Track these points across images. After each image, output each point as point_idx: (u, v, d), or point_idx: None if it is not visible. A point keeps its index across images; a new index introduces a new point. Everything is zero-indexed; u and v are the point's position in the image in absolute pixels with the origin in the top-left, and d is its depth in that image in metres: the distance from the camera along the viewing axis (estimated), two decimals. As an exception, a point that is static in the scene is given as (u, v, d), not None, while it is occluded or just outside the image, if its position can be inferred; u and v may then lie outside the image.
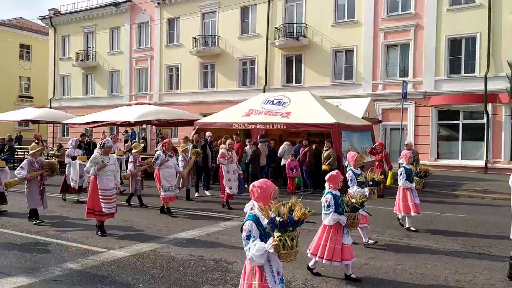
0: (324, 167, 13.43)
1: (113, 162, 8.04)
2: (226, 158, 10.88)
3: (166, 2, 28.23)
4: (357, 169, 7.41)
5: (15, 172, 8.63)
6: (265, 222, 3.37)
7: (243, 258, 6.40)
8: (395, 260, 6.58)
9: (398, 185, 9.18)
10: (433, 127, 20.83)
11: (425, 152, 20.45)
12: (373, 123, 18.11)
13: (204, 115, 20.42)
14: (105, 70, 31.43)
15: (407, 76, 21.14)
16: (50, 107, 31.73)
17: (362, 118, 17.23)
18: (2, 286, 5.11)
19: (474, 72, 19.95)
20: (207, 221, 9.18)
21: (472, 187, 14.83)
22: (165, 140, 10.78)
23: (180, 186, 11.61)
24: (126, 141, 23.80)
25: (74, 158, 11.70)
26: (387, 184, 13.84)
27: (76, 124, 21.89)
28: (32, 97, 38.84)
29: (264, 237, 3.41)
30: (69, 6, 33.50)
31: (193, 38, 26.67)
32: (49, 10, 34.58)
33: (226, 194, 10.82)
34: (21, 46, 38.82)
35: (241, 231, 3.44)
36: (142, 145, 13.21)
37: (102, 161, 7.74)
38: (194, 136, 14.73)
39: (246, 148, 13.51)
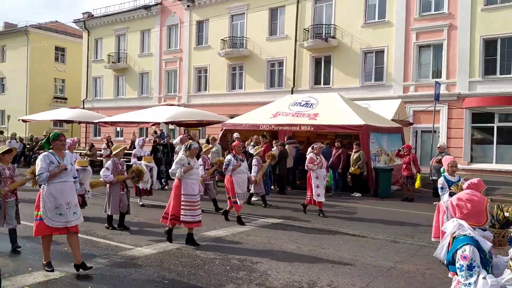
0: (353, 169, 13.30)
1: (199, 165, 7.55)
2: (315, 163, 10.07)
3: (195, 4, 28.55)
4: (453, 176, 6.53)
5: (101, 173, 8.24)
6: (488, 245, 2.73)
7: (267, 258, 6.41)
8: (424, 264, 6.40)
9: (427, 189, 8.92)
10: (466, 130, 20.23)
11: (458, 155, 19.85)
12: (403, 125, 17.75)
13: (232, 117, 20.53)
14: (135, 72, 32.04)
15: (440, 77, 20.61)
16: (83, 108, 32.56)
17: (392, 120, 16.92)
18: (34, 279, 5.24)
19: (510, 73, 19.27)
20: (233, 221, 9.18)
21: (506, 192, 14.32)
22: (234, 143, 9.83)
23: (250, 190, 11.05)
24: (155, 142, 24.19)
25: (140, 158, 11.43)
26: (416, 187, 13.55)
27: (107, 123, 22.38)
28: (66, 98, 39.95)
29: (484, 266, 2.69)
30: (102, 9, 34.46)
31: (222, 40, 26.85)
32: (83, 13, 35.55)
33: (312, 200, 10.09)
34: (56, 48, 40.01)
35: (451, 259, 2.79)
36: (210, 145, 12.05)
37: (189, 163, 7.11)
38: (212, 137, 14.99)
39: (273, 149, 13.46)
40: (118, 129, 32.26)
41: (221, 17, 27.28)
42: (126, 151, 12.05)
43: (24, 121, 26.91)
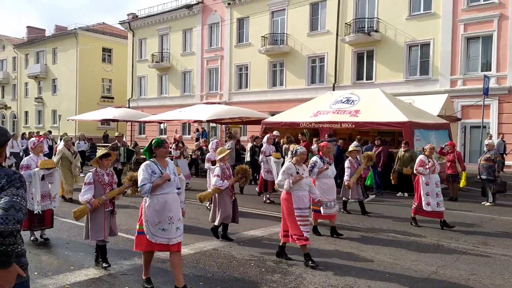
0: (405, 170, 12.30)
1: (308, 173, 6.65)
2: (427, 166, 8.73)
3: (236, 2, 28.67)
4: None
5: (213, 181, 7.36)
6: None
7: (303, 260, 6.31)
8: (468, 269, 6.10)
9: (475, 187, 8.50)
10: (518, 124, 19.19)
11: (509, 151, 18.89)
12: (450, 121, 17.04)
13: (273, 114, 20.50)
14: (178, 70, 32.63)
15: (490, 70, 19.64)
16: (129, 107, 33.58)
17: (438, 116, 16.27)
18: (75, 278, 5.42)
19: None
20: (270, 221, 9.15)
21: None
22: (321, 144, 8.47)
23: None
24: (197, 139, 24.60)
25: (214, 163, 10.22)
26: (461, 186, 12.98)
27: (151, 122, 22.94)
28: (113, 98, 41.34)
29: None
30: (146, 10, 35.23)
31: (262, 36, 26.82)
32: (127, 15, 36.58)
33: (418, 209, 8.87)
34: (104, 49, 41.44)
35: None
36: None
37: (297, 173, 6.21)
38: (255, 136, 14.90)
39: (312, 147, 13.29)
40: (162, 126, 33.03)
41: (261, 14, 27.24)
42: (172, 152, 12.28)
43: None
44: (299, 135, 14.08)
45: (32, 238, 7.12)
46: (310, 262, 6.08)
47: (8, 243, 2.42)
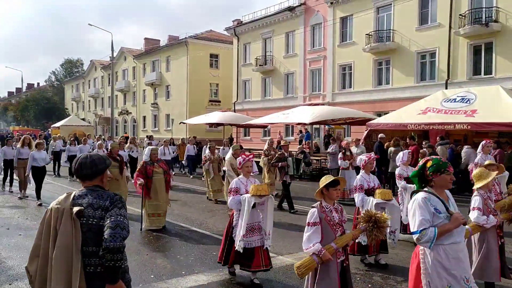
0: None
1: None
2: None
3: (339, 1, 28.11)
4: None
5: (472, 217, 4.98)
6: None
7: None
8: None
9: None
10: None
11: None
12: None
13: (379, 114, 19.75)
14: (281, 72, 32.99)
15: None
16: (234, 110, 34.80)
17: None
18: (186, 283, 5.73)
19: None
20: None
21: None
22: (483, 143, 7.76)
23: None
24: (300, 142, 24.64)
25: (408, 180, 9.33)
26: None
27: (255, 125, 23.51)
28: (219, 101, 43.22)
29: None
30: (250, 15, 36.20)
31: (367, 34, 25.93)
32: (233, 21, 37.95)
33: None
34: (211, 55, 43.52)
35: None
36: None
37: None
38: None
39: (421, 151, 12.49)
40: (266, 128, 33.66)
41: (366, 11, 26.36)
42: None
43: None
44: (408, 138, 13.32)
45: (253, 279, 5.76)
46: None
47: (116, 259, 2.68)
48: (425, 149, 12.55)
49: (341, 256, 4.16)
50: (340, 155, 11.99)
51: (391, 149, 13.43)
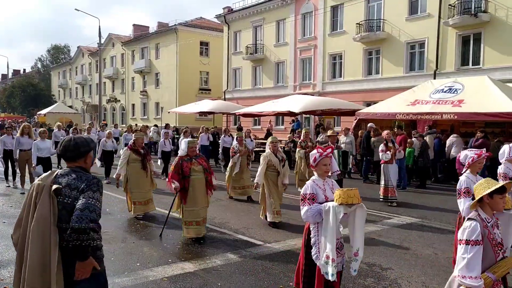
0: None
1: None
2: None
3: (330, -11, 27.99)
4: None
5: None
6: None
7: (399, 264, 6.01)
8: None
9: None
10: None
11: None
12: None
13: (368, 104, 19.81)
14: (271, 61, 32.87)
15: None
16: (224, 99, 34.64)
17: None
18: (172, 271, 5.74)
19: None
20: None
21: None
22: None
23: None
24: (292, 130, 24.64)
25: None
26: None
27: (245, 113, 23.46)
28: (210, 90, 42.99)
29: None
30: (241, 3, 35.88)
31: (357, 24, 25.89)
32: (223, 8, 37.60)
33: None
34: (201, 43, 43.11)
35: None
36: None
37: None
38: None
39: (412, 140, 12.61)
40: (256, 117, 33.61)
41: (356, 0, 26.28)
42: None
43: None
44: (395, 128, 13.41)
45: None
46: None
47: (82, 239, 2.81)
48: (414, 138, 12.68)
49: (500, 286, 3.17)
50: (381, 146, 10.82)
51: (373, 139, 13.52)
